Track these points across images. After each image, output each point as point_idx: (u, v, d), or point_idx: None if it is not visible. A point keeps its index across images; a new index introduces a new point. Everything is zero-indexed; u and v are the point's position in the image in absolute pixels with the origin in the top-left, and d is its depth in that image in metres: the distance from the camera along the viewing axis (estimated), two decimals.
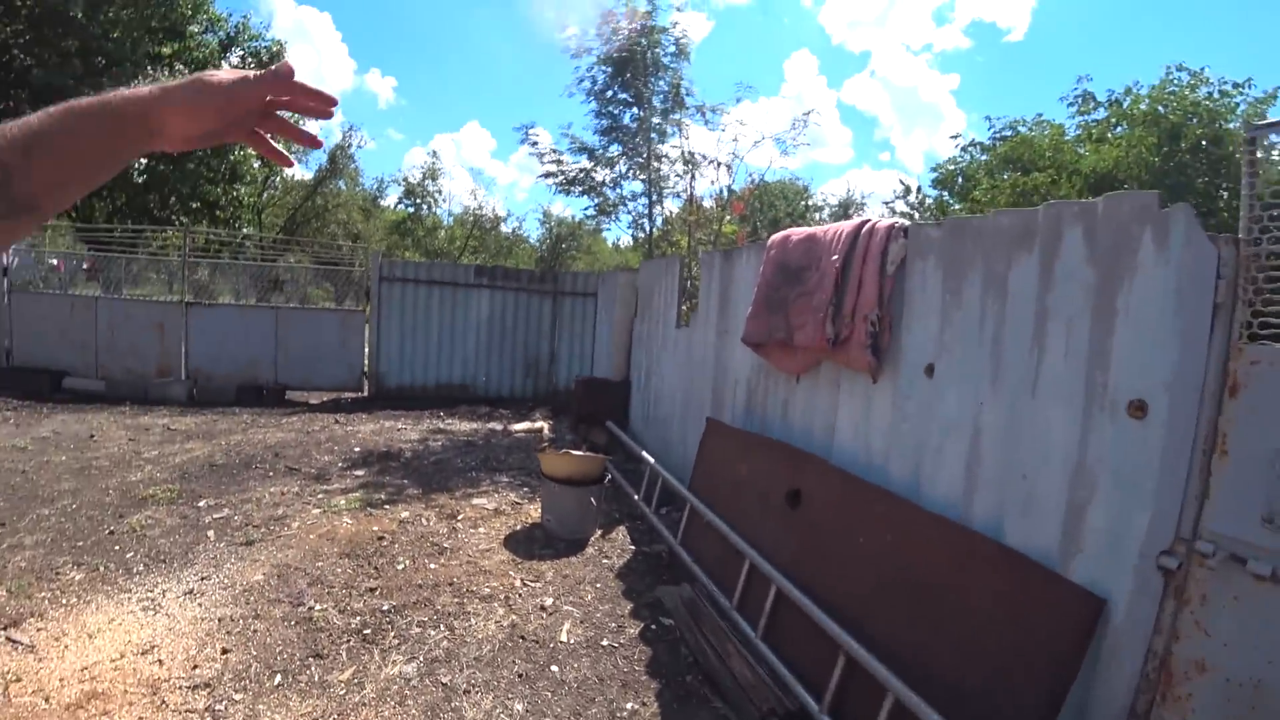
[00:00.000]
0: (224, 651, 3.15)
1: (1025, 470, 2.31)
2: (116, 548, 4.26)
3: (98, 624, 3.34)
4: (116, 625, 3.34)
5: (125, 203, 14.40)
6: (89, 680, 2.88)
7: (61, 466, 5.97)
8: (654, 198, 11.52)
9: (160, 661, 3.04)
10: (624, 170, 11.65)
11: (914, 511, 2.69)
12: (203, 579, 3.87)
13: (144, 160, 13.26)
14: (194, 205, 15.53)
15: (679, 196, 11.50)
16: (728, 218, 9.84)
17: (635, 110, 11.25)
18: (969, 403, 2.62)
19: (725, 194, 10.28)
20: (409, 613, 3.60)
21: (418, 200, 26.71)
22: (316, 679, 2.98)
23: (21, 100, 12.77)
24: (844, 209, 30.05)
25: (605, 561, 4.47)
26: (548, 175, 12.07)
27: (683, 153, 10.93)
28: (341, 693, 2.89)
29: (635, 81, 10.80)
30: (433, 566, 4.21)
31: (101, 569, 3.95)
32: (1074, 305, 2.24)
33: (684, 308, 6.47)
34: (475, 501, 5.52)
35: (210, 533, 4.56)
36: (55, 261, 10.48)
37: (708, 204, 10.66)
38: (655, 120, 11.07)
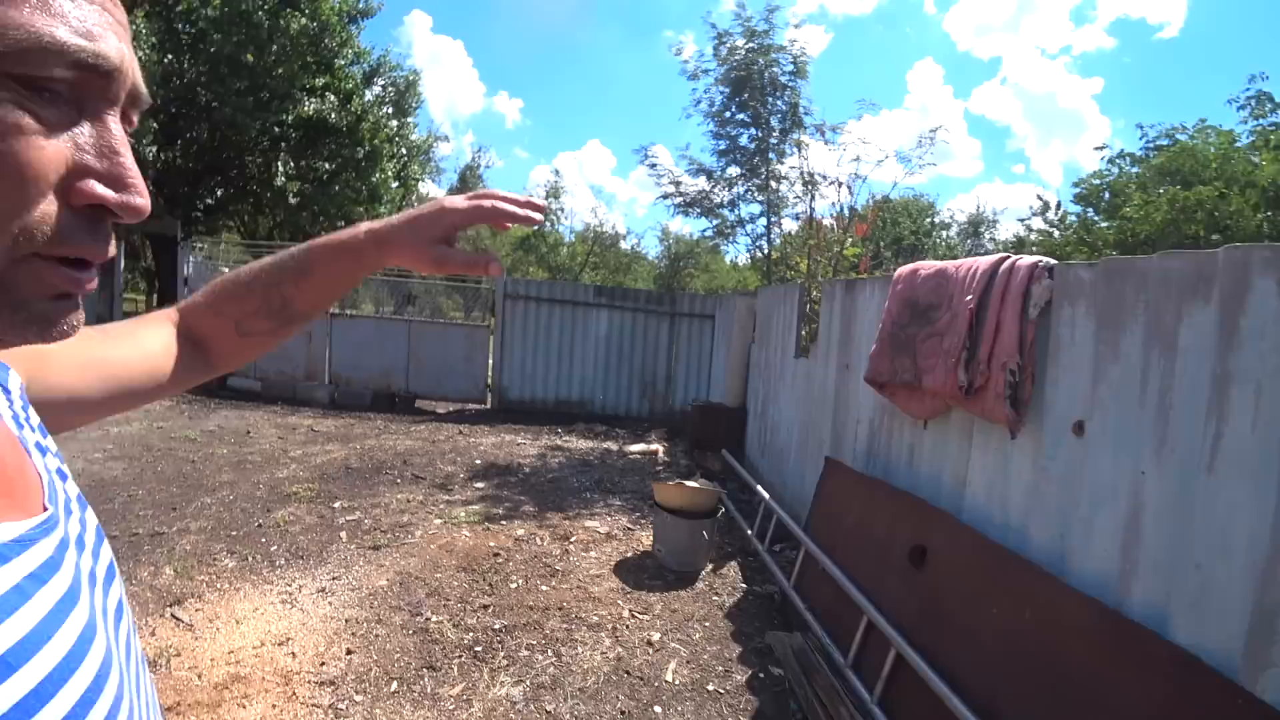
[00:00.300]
0: (348, 652, 3.35)
1: (1198, 558, 2.02)
2: (263, 540, 4.67)
3: (244, 611, 3.66)
4: (259, 614, 3.65)
5: (284, 219, 16.01)
6: (234, 663, 3.16)
7: (222, 459, 6.66)
8: (772, 219, 11.33)
9: (294, 654, 3.29)
10: (741, 191, 11.55)
11: (1058, 588, 2.43)
12: (334, 579, 4.16)
13: (296, 184, 14.68)
14: (340, 224, 16.99)
15: (798, 217, 11.24)
16: (850, 240, 9.47)
17: (753, 130, 11.13)
18: (1126, 471, 2.34)
19: (847, 213, 9.90)
20: (519, 634, 3.68)
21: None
22: (429, 691, 3.10)
23: (202, 130, 14.50)
24: (973, 226, 28.33)
25: (715, 599, 4.38)
26: (666, 196, 12.19)
27: (801, 173, 10.67)
28: (450, 708, 2.99)
29: (752, 102, 10.68)
30: (544, 588, 4.29)
31: (250, 559, 4.34)
32: (1266, 369, 1.94)
33: (803, 333, 6.29)
34: (588, 524, 5.60)
35: (343, 534, 4.90)
36: (226, 270, 11.81)
37: (827, 222, 10.32)
38: (773, 140, 10.90)
